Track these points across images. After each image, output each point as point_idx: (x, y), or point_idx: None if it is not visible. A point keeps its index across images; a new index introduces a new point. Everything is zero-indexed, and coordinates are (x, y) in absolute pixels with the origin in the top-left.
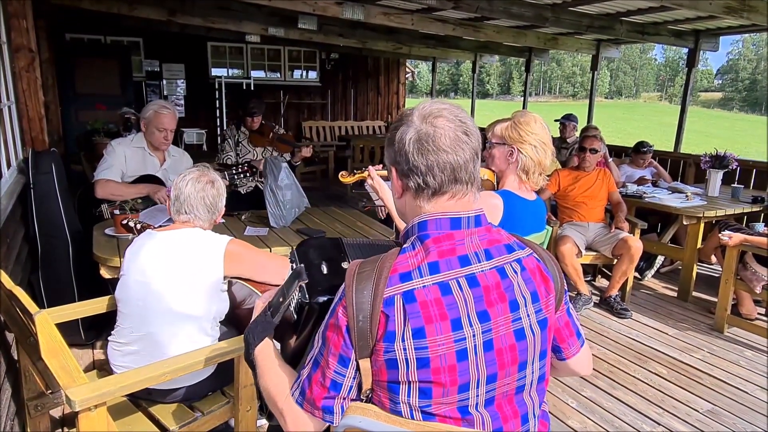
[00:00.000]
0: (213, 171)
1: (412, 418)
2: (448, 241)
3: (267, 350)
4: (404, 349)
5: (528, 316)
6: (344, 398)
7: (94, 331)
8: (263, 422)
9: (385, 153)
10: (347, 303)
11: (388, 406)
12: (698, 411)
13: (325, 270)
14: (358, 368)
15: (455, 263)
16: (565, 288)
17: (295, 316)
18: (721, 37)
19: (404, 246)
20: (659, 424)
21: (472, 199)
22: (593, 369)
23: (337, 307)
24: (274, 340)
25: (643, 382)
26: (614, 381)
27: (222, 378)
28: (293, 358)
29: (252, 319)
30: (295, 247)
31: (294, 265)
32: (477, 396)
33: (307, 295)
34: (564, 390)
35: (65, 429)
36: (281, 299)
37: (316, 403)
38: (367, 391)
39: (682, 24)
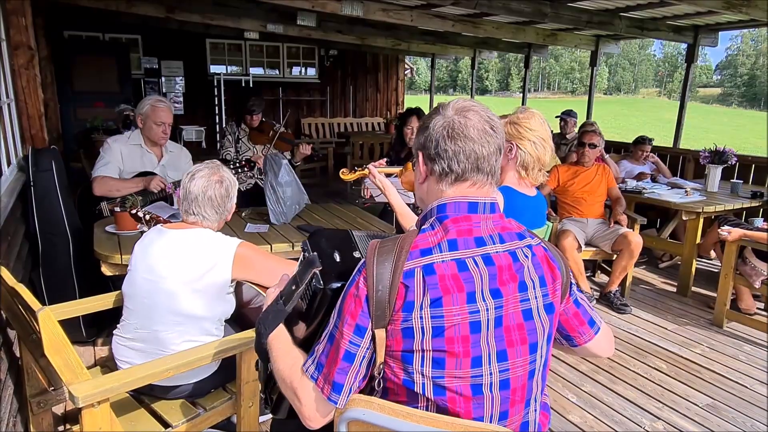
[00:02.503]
0: (223, 168)
1: (424, 389)
2: (465, 222)
3: (280, 336)
4: (421, 318)
5: (536, 298)
6: (356, 372)
7: (95, 328)
8: (265, 418)
9: (415, 139)
10: (368, 274)
11: (401, 377)
12: (698, 405)
13: (338, 258)
14: (373, 338)
15: (471, 243)
16: (572, 280)
17: (306, 305)
18: (720, 33)
19: (423, 227)
20: (659, 419)
21: (490, 190)
22: (593, 364)
23: (357, 277)
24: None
25: (643, 377)
26: (614, 376)
27: (224, 374)
28: (304, 346)
29: (263, 309)
30: (307, 237)
31: (306, 254)
32: (490, 374)
33: (321, 282)
34: (564, 385)
35: (67, 426)
36: (294, 287)
37: (329, 376)
38: (380, 366)
39: (682, 19)
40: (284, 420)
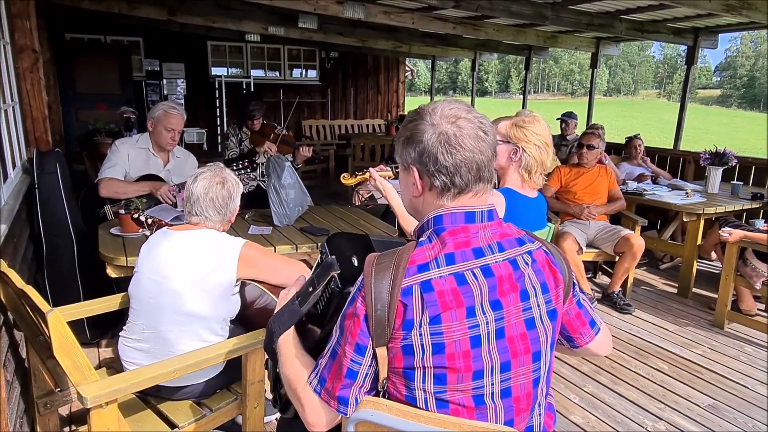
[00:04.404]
0: (226, 170)
1: (427, 405)
2: (463, 234)
3: (291, 339)
4: (420, 335)
5: (538, 306)
6: (360, 386)
7: (99, 330)
8: (270, 419)
9: (402, 152)
10: (366, 292)
11: (403, 393)
12: (699, 406)
13: (356, 263)
14: (374, 356)
15: (470, 255)
16: (574, 281)
17: (321, 308)
18: (719, 35)
19: (420, 239)
20: (661, 419)
21: (488, 197)
22: (595, 365)
23: (356, 296)
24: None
25: (645, 378)
26: (616, 377)
27: (229, 375)
28: (317, 349)
29: (277, 310)
30: (325, 240)
31: (325, 257)
32: (492, 384)
33: (339, 285)
34: (566, 386)
35: (73, 426)
36: (311, 289)
37: (333, 392)
38: (384, 381)
39: (682, 22)
40: (291, 420)
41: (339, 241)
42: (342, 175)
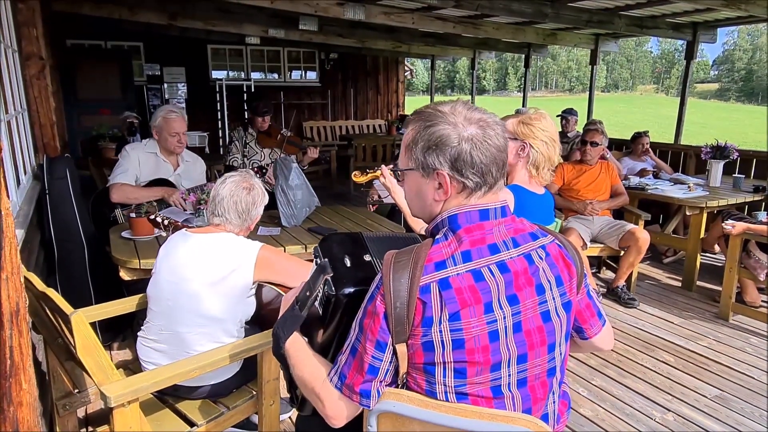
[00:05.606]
0: (256, 179)
1: (447, 398)
2: (478, 231)
3: (297, 343)
4: (440, 332)
5: (553, 299)
6: (381, 381)
7: (111, 333)
8: (284, 417)
9: (423, 158)
10: (385, 291)
11: (424, 388)
12: (706, 397)
13: (348, 263)
14: (394, 353)
15: (486, 251)
16: (585, 272)
17: (321, 310)
18: (718, 29)
19: (437, 237)
20: (669, 410)
21: (500, 192)
22: (602, 358)
23: (375, 294)
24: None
25: (652, 370)
26: (623, 369)
27: (245, 374)
28: (323, 350)
29: (279, 316)
30: (318, 243)
31: (318, 260)
32: (509, 375)
33: (333, 288)
34: (575, 379)
35: (89, 428)
36: (308, 293)
37: (354, 387)
38: (404, 375)
39: (681, 17)
40: (309, 417)
41: (331, 243)
42: (353, 173)
